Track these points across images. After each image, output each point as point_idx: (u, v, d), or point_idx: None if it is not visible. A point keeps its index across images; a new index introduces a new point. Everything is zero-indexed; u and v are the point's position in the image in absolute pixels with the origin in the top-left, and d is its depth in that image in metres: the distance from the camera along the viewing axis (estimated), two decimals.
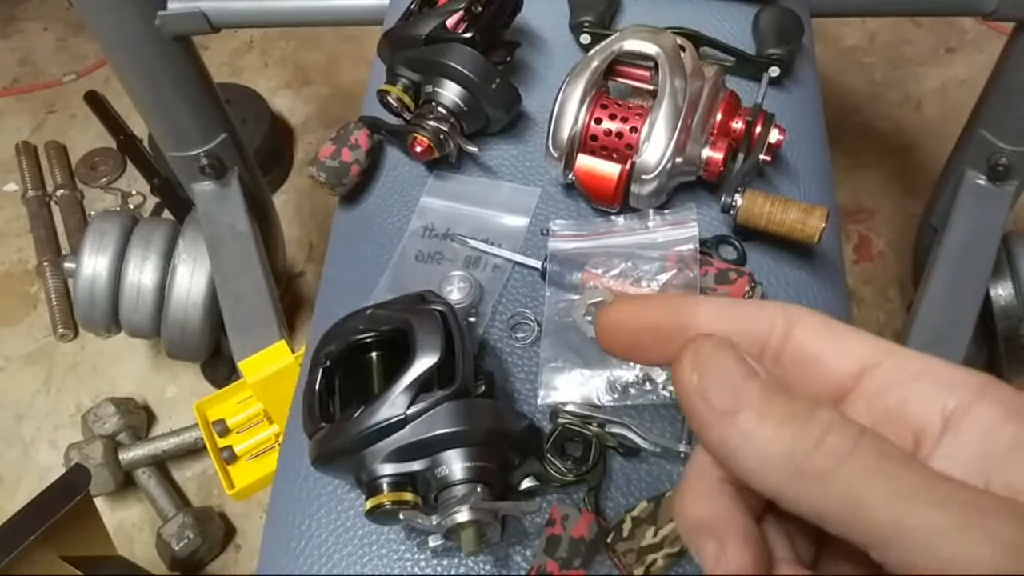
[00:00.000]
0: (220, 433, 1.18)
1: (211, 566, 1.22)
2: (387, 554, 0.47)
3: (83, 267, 1.16)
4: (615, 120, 0.54)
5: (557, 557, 0.44)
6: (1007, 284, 1.08)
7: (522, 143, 0.64)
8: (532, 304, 0.55)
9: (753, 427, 0.20)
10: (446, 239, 0.59)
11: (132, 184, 1.67)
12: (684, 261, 0.51)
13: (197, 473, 1.31)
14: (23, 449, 1.35)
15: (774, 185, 0.60)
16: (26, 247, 1.59)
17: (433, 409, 0.42)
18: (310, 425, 0.45)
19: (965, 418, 0.20)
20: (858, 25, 1.84)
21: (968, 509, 0.18)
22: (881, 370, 0.22)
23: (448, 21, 0.60)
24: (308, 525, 0.49)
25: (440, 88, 0.59)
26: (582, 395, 0.49)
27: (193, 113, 1.08)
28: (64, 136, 1.76)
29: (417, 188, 0.62)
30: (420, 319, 0.45)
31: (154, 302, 1.17)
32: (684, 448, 0.47)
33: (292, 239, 1.53)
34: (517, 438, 0.45)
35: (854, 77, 1.76)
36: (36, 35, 1.98)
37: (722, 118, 0.56)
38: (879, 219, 1.47)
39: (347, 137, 0.62)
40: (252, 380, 0.95)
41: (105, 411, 1.26)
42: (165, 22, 0.95)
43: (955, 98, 1.69)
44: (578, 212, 0.59)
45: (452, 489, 0.42)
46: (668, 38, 0.54)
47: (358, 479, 0.43)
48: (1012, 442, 0.20)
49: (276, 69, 1.87)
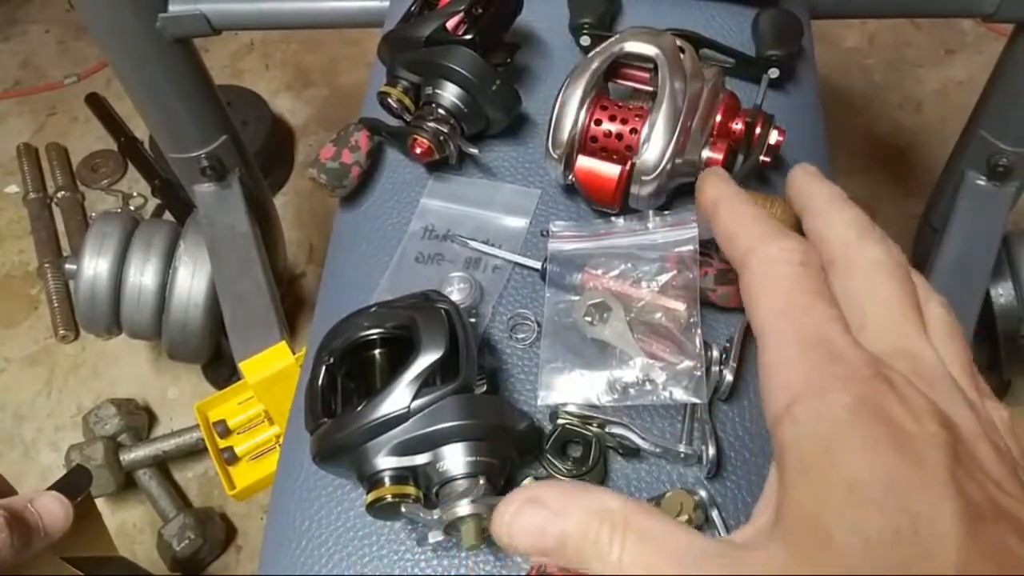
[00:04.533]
0: (221, 434, 1.18)
1: (212, 567, 1.22)
2: (387, 554, 0.47)
3: (84, 268, 1.16)
4: (615, 122, 0.54)
5: None
6: (1007, 284, 1.08)
7: (522, 144, 0.64)
8: (532, 305, 0.56)
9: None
10: (446, 240, 0.59)
11: (133, 186, 1.68)
12: (684, 262, 0.51)
13: (198, 474, 1.31)
14: (24, 450, 1.35)
15: (774, 186, 0.60)
16: (27, 249, 1.60)
17: (437, 403, 0.42)
18: (311, 421, 0.45)
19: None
20: (858, 27, 1.84)
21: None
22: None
23: (448, 23, 0.60)
24: (308, 525, 0.49)
25: (440, 90, 0.60)
26: (582, 395, 0.49)
27: (194, 115, 1.08)
28: (65, 138, 1.76)
29: (417, 189, 0.62)
30: (425, 315, 0.45)
31: (155, 303, 1.17)
32: (684, 448, 0.47)
33: (293, 240, 1.53)
34: (519, 435, 0.45)
35: (854, 79, 1.77)
36: (37, 37, 1.99)
37: (722, 119, 0.56)
38: (879, 220, 1.46)
39: (347, 139, 0.62)
40: (253, 381, 0.95)
41: (106, 412, 1.26)
42: (166, 24, 0.95)
43: (955, 99, 1.69)
44: (578, 213, 0.60)
45: (454, 483, 0.42)
46: (668, 40, 0.54)
47: (359, 474, 0.44)
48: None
49: (277, 71, 1.87)
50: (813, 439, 0.24)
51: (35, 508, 0.49)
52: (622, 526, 0.26)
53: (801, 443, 0.25)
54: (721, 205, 0.33)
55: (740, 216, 0.32)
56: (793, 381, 0.26)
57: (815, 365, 0.26)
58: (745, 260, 0.30)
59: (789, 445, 0.25)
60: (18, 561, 0.47)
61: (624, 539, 0.26)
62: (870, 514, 0.23)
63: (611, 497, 0.27)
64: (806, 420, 0.25)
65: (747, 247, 0.30)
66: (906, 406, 0.24)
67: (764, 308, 0.28)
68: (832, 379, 0.25)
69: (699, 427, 0.49)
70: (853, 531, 0.23)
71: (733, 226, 0.32)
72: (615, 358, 0.49)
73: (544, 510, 0.27)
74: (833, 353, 0.26)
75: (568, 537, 0.27)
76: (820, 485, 0.24)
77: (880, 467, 0.23)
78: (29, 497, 0.50)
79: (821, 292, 0.28)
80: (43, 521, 0.49)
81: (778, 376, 0.27)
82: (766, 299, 0.28)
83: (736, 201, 0.33)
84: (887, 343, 0.27)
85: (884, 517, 0.22)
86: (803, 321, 0.27)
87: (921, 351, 0.28)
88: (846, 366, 0.25)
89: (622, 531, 0.26)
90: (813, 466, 0.24)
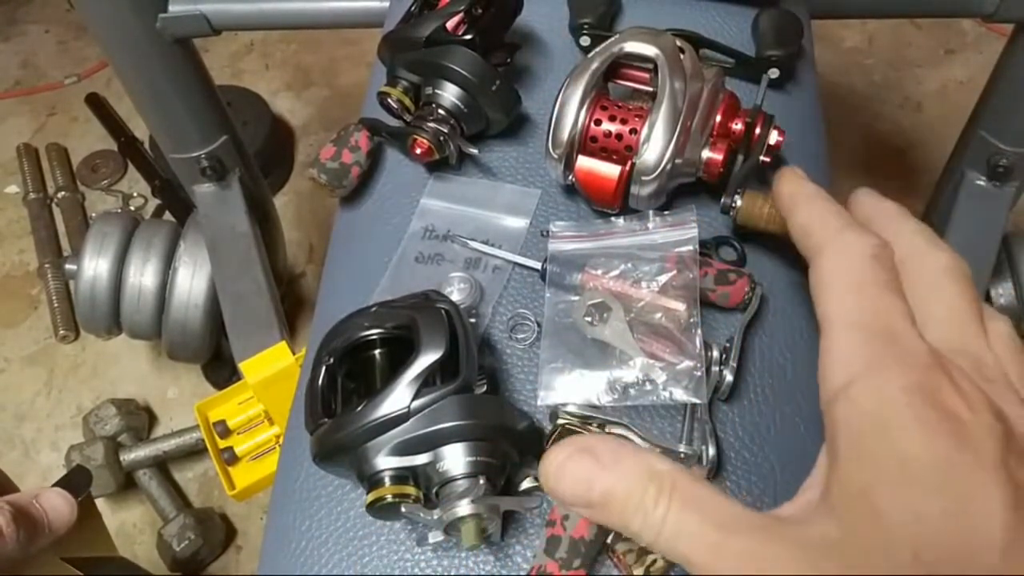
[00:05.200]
0: (221, 434, 1.18)
1: (212, 567, 1.22)
2: (387, 554, 0.47)
3: (84, 269, 1.16)
4: (615, 122, 0.54)
5: (557, 557, 0.44)
6: (1007, 284, 1.08)
7: (522, 145, 0.64)
8: (532, 305, 0.56)
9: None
10: (446, 240, 0.59)
11: (133, 186, 1.68)
12: (684, 262, 0.51)
13: (198, 474, 1.31)
14: (24, 450, 1.35)
15: None
16: (27, 249, 1.60)
17: (437, 403, 0.42)
18: (311, 421, 0.45)
19: None
20: (858, 27, 1.84)
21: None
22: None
23: (448, 23, 0.60)
24: (308, 525, 0.49)
25: (440, 90, 0.60)
26: (582, 396, 0.49)
27: (194, 115, 1.08)
28: (65, 138, 1.76)
29: (417, 190, 0.62)
30: (425, 315, 0.45)
31: (155, 303, 1.17)
32: (684, 448, 0.47)
33: (293, 240, 1.53)
34: (519, 435, 0.45)
35: (854, 79, 1.77)
36: (37, 37, 1.99)
37: (722, 119, 0.56)
38: None
39: (347, 139, 0.62)
40: (253, 381, 0.95)
41: (106, 412, 1.26)
42: (166, 24, 0.95)
43: (955, 99, 1.69)
44: (578, 213, 0.60)
45: (454, 483, 0.42)
46: (668, 40, 0.54)
47: (359, 474, 0.44)
48: None
49: (277, 71, 1.87)
50: (868, 418, 0.25)
51: (40, 504, 0.49)
52: (669, 489, 0.26)
53: (855, 421, 0.26)
54: (799, 199, 0.34)
55: (821, 211, 0.33)
56: (853, 363, 0.27)
57: (876, 350, 0.27)
58: (821, 249, 0.31)
59: (843, 423, 0.26)
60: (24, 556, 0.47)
61: (670, 502, 0.26)
62: (920, 493, 0.23)
63: (661, 460, 0.27)
64: (863, 399, 0.26)
65: (825, 238, 0.31)
66: (962, 396, 0.25)
67: (836, 294, 0.29)
68: (892, 362, 0.26)
69: (699, 427, 0.49)
70: (903, 508, 0.23)
71: (812, 219, 0.33)
72: (615, 358, 0.49)
73: (595, 463, 0.27)
74: (896, 340, 0.27)
75: (614, 493, 0.27)
76: (872, 462, 0.25)
77: (933, 449, 0.24)
78: (34, 493, 0.50)
79: (892, 286, 0.29)
80: (48, 517, 0.49)
81: (839, 358, 0.27)
82: (839, 286, 0.29)
83: (816, 197, 0.34)
84: (950, 341, 0.28)
85: (934, 497, 0.23)
86: (871, 310, 0.28)
87: (981, 353, 0.28)
88: (907, 353, 0.26)
89: (669, 494, 0.26)
90: (866, 444, 0.25)
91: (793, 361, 0.52)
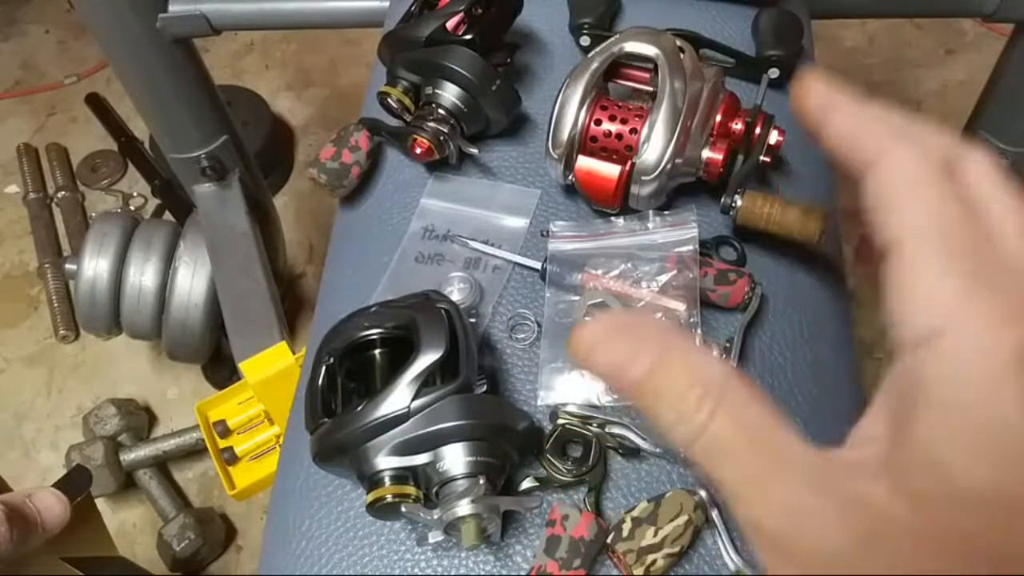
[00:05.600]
0: (221, 434, 1.18)
1: (212, 567, 1.22)
2: (387, 554, 0.47)
3: (84, 269, 1.16)
4: (615, 122, 0.54)
5: (557, 557, 0.44)
6: None
7: (522, 145, 0.64)
8: (532, 305, 0.56)
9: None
10: (446, 240, 0.59)
11: (133, 186, 1.68)
12: (684, 262, 0.52)
13: (198, 474, 1.31)
14: (24, 450, 1.35)
15: (774, 186, 0.60)
16: (27, 249, 1.60)
17: (437, 403, 0.42)
18: (311, 421, 0.45)
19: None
20: (858, 27, 1.84)
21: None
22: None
23: (448, 23, 0.60)
24: (308, 525, 0.49)
25: (440, 90, 0.60)
26: (582, 396, 0.49)
27: (194, 115, 1.08)
28: (65, 138, 1.76)
29: (417, 189, 0.62)
30: (425, 315, 0.46)
31: (155, 303, 1.17)
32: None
33: (293, 240, 1.53)
34: (519, 435, 0.45)
35: (854, 79, 1.76)
36: (37, 37, 1.99)
37: (722, 119, 0.56)
38: None
39: (347, 139, 0.62)
40: (253, 381, 0.95)
41: (106, 412, 1.26)
42: (166, 24, 0.95)
43: (955, 99, 1.69)
44: (578, 213, 0.60)
45: (454, 483, 0.42)
46: (668, 40, 0.54)
47: (359, 474, 0.44)
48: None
49: (277, 71, 1.87)
50: (967, 380, 0.22)
51: (34, 503, 0.49)
52: (717, 395, 0.23)
53: (949, 380, 0.22)
54: (832, 106, 0.28)
55: (863, 115, 0.28)
56: (939, 305, 0.23)
57: (969, 293, 0.23)
58: (877, 160, 0.26)
59: (933, 379, 0.22)
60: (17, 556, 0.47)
61: (716, 410, 0.23)
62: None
63: (713, 362, 0.24)
64: (962, 356, 0.22)
65: (879, 147, 0.26)
66: None
67: (907, 217, 0.25)
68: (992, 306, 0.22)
69: None
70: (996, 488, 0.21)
71: (855, 126, 0.27)
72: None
73: (640, 345, 0.25)
74: (990, 279, 0.23)
75: (654, 382, 0.24)
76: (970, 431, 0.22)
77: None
78: (28, 493, 0.50)
79: (968, 201, 0.25)
80: (41, 516, 0.49)
81: (921, 297, 0.23)
82: (910, 207, 0.25)
83: (853, 101, 0.28)
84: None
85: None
86: (953, 235, 0.24)
87: None
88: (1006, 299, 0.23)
89: (716, 400, 0.23)
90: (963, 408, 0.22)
91: (793, 361, 0.52)
